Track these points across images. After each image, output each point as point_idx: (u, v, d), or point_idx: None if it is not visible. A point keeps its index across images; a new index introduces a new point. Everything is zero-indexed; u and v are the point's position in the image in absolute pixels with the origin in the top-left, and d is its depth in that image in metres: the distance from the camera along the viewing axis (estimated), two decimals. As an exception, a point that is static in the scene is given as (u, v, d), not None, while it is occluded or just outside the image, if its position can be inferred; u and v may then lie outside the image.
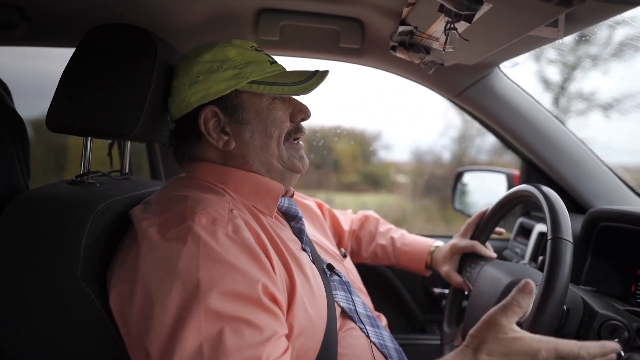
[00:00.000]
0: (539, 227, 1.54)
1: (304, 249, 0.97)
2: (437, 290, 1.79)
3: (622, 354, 0.79)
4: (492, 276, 1.03)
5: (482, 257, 1.21)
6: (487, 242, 1.26)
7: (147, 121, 0.90)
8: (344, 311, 1.02)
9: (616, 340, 0.80)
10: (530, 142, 1.54)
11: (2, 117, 0.94)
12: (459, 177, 2.03)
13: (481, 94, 1.50)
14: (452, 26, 0.81)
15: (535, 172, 1.63)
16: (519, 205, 1.56)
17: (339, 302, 1.02)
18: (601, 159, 1.53)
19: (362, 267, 1.43)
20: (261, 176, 0.94)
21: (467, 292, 1.22)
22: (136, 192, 1.00)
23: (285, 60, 1.03)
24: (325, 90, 0.98)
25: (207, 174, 0.94)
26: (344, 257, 1.24)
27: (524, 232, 1.67)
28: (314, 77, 0.95)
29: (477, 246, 1.22)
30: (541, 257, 1.42)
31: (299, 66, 0.99)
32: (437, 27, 1.00)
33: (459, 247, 1.25)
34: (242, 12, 1.29)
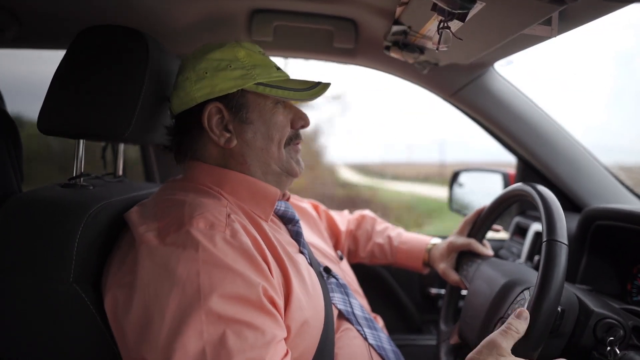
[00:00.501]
0: (535, 227, 1.54)
1: (301, 252, 0.97)
2: (434, 290, 1.79)
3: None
4: (489, 276, 1.04)
5: (479, 255, 1.21)
6: (486, 241, 1.26)
7: (140, 123, 0.89)
8: (341, 313, 1.02)
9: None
10: (525, 141, 1.54)
11: None
12: (455, 177, 2.03)
13: (476, 93, 1.50)
14: (446, 25, 0.81)
15: (530, 171, 1.63)
16: (515, 204, 1.57)
17: (336, 304, 1.02)
18: (596, 158, 1.53)
19: (358, 268, 1.42)
20: (258, 180, 0.94)
21: (463, 291, 1.22)
22: (130, 194, 0.99)
23: (279, 61, 1.03)
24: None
25: (205, 175, 0.93)
26: (340, 259, 1.24)
27: (520, 231, 1.67)
28: (317, 87, 0.96)
29: (474, 244, 1.22)
30: (537, 257, 1.42)
31: (293, 67, 0.99)
32: (431, 27, 1.00)
33: (456, 244, 1.25)
34: (235, 13, 1.29)
